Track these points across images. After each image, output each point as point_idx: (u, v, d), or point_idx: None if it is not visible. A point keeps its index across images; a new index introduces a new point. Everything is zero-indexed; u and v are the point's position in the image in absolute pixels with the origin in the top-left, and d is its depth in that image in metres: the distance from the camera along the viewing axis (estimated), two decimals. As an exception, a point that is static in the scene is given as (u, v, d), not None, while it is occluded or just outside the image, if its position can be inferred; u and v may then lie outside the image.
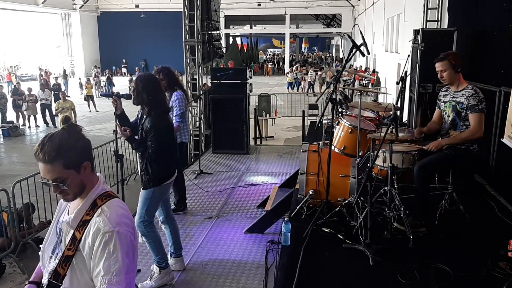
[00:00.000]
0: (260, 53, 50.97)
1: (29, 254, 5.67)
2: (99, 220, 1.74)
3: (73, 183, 1.76)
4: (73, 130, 1.79)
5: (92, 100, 20.10)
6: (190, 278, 4.34)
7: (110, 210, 1.77)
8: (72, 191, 1.78)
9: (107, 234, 1.71)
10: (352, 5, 33.57)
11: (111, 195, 1.85)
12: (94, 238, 1.72)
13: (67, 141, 1.72)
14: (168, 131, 4.01)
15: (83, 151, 1.78)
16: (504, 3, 5.35)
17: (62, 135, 1.74)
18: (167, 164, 4.02)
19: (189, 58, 9.68)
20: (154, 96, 3.87)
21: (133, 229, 1.83)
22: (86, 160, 1.79)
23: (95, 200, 1.80)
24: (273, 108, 14.20)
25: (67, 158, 1.71)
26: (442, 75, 3.89)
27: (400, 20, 16.43)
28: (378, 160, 3.87)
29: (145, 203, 3.98)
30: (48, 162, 1.70)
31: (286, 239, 3.68)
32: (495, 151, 5.08)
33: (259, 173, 7.84)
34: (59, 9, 34.75)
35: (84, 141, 1.80)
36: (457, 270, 3.11)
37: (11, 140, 14.25)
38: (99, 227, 1.72)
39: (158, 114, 3.88)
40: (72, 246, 1.75)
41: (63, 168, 1.71)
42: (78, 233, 1.75)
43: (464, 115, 3.82)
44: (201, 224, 5.59)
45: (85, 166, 1.78)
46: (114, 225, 1.73)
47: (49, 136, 1.73)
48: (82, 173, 1.77)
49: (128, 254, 1.74)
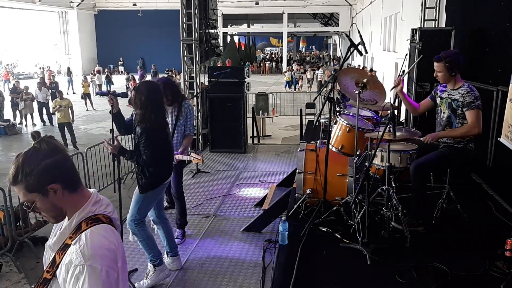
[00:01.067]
0: (258, 51, 50.96)
1: (26, 253, 5.64)
2: (74, 249, 1.56)
3: (43, 206, 1.59)
4: (41, 148, 1.58)
5: (89, 98, 20.06)
6: (188, 277, 4.33)
7: (88, 240, 1.57)
8: (49, 215, 1.63)
9: (78, 268, 1.53)
10: (349, 4, 33.57)
11: (99, 220, 1.64)
12: (67, 269, 1.56)
13: (28, 162, 1.55)
14: (161, 138, 3.93)
15: (46, 173, 1.55)
16: (502, 2, 5.35)
17: (25, 155, 1.57)
18: (164, 167, 4.00)
19: (186, 57, 9.65)
20: (154, 110, 3.78)
21: (114, 262, 1.59)
22: (53, 182, 1.57)
23: (81, 223, 1.62)
24: (271, 107, 14.18)
25: (26, 181, 1.55)
26: (437, 74, 3.93)
27: (398, 19, 16.43)
28: (375, 159, 3.86)
29: (138, 202, 3.97)
30: (12, 185, 1.58)
31: (284, 238, 3.68)
32: (492, 150, 5.08)
33: (256, 172, 7.84)
34: (56, 7, 34.63)
35: (52, 160, 1.57)
36: (455, 269, 3.12)
37: (7, 138, 14.19)
38: (71, 259, 1.55)
39: (156, 128, 3.81)
40: (51, 269, 1.62)
41: (25, 192, 1.56)
42: (58, 257, 1.61)
43: (460, 113, 3.83)
44: (199, 222, 5.58)
45: (53, 188, 1.57)
46: (87, 259, 1.53)
47: (17, 155, 1.60)
48: (52, 196, 1.58)
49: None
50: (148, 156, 3.78)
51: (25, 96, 15.85)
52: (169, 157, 4.12)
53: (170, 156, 4.16)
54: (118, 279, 1.60)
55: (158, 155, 3.82)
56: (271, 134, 13.33)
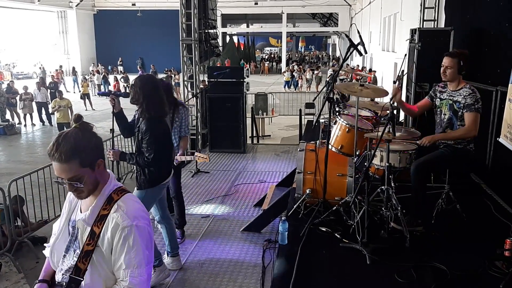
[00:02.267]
0: (257, 51, 50.96)
1: (25, 253, 5.63)
2: (116, 215, 1.76)
3: (89, 180, 1.77)
4: (85, 128, 1.80)
5: (88, 98, 20.05)
6: (187, 277, 4.33)
7: (126, 205, 1.80)
8: (87, 189, 1.79)
9: (126, 229, 1.74)
10: (349, 4, 33.59)
11: (125, 190, 1.88)
12: (113, 233, 1.75)
13: (82, 140, 1.74)
14: (165, 135, 3.94)
15: (97, 149, 1.80)
16: (501, 3, 5.36)
17: (77, 134, 1.75)
18: (164, 166, 3.99)
19: (186, 57, 9.66)
20: (151, 98, 3.79)
21: (149, 221, 1.86)
22: (100, 157, 1.81)
23: (111, 195, 1.83)
24: (270, 107, 14.18)
25: (83, 157, 1.72)
26: (446, 71, 3.85)
27: (397, 19, 16.45)
28: (375, 159, 3.87)
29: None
30: (65, 162, 1.70)
31: (283, 238, 3.68)
32: (491, 151, 5.09)
33: (256, 172, 7.84)
34: (55, 7, 34.62)
35: (97, 139, 1.82)
36: (454, 269, 3.12)
37: (7, 138, 14.18)
38: (117, 222, 1.75)
39: (153, 117, 3.80)
40: (92, 241, 1.77)
41: (79, 167, 1.72)
42: (97, 228, 1.77)
43: (461, 114, 3.82)
44: (198, 223, 5.58)
45: (99, 163, 1.80)
46: (132, 219, 1.76)
47: (63, 135, 1.73)
48: (97, 170, 1.79)
49: (148, 246, 1.79)
50: (152, 153, 3.75)
51: (24, 96, 15.84)
52: (170, 156, 4.11)
53: (171, 155, 4.15)
54: (152, 234, 1.87)
55: (159, 154, 3.80)
56: (270, 134, 13.33)
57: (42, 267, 2.08)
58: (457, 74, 3.83)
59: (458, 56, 3.80)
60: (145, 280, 1.79)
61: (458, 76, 3.85)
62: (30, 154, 12.10)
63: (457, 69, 3.81)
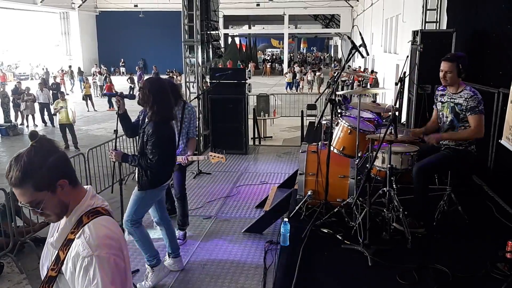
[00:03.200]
0: (259, 53, 50.96)
1: (28, 254, 5.65)
2: (79, 242, 1.57)
3: (50, 204, 1.59)
4: (42, 146, 1.58)
5: (90, 99, 20.08)
6: (189, 278, 4.34)
7: (92, 231, 1.58)
8: (53, 212, 1.62)
9: (86, 259, 1.54)
10: (351, 6, 33.57)
11: (99, 212, 1.66)
12: (74, 262, 1.57)
13: (34, 161, 1.54)
14: (170, 139, 3.96)
15: (55, 169, 1.57)
16: (503, 5, 5.35)
17: (29, 154, 1.55)
18: (166, 169, 4.02)
19: (188, 58, 9.67)
20: (160, 101, 3.80)
21: (120, 250, 1.61)
22: (61, 178, 1.59)
23: (81, 217, 1.63)
24: (272, 108, 14.19)
25: (36, 180, 1.53)
26: (446, 76, 3.84)
27: (399, 21, 16.43)
28: (377, 161, 3.87)
29: (136, 203, 3.98)
30: (17, 186, 1.54)
31: (285, 240, 3.68)
32: (493, 152, 5.09)
33: (257, 173, 7.84)
34: (57, 8, 34.66)
35: (56, 157, 1.59)
36: (456, 271, 3.12)
37: (9, 139, 14.21)
38: (78, 251, 1.56)
39: (161, 120, 3.81)
40: (55, 266, 1.62)
41: (34, 191, 1.54)
42: (62, 253, 1.61)
43: (463, 117, 3.82)
44: (200, 224, 5.59)
45: (61, 184, 1.59)
46: (94, 249, 1.54)
47: (15, 156, 1.56)
48: (60, 192, 1.59)
49: (114, 280, 1.55)
50: (156, 156, 3.76)
51: (26, 97, 15.88)
52: (172, 159, 4.13)
53: (173, 158, 4.17)
54: (125, 266, 1.62)
55: (163, 157, 3.82)
56: (272, 136, 13.32)
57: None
58: (457, 78, 3.84)
59: (456, 60, 3.80)
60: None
61: (458, 79, 3.86)
62: (32, 155, 12.11)
63: (456, 73, 3.80)
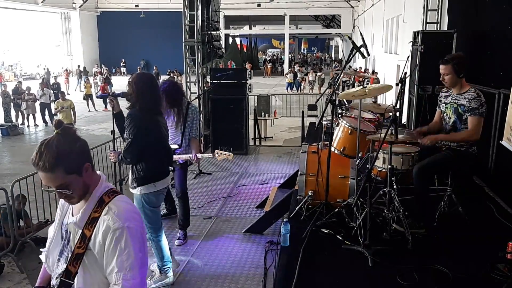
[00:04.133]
0: (260, 53, 50.96)
1: (28, 254, 5.65)
2: (107, 218, 1.73)
3: (77, 186, 1.73)
4: (68, 133, 1.74)
5: (91, 99, 20.09)
6: (189, 278, 4.34)
7: (118, 207, 1.76)
8: (77, 194, 1.76)
9: (118, 231, 1.70)
10: (351, 6, 33.57)
11: (116, 192, 1.84)
12: (105, 236, 1.71)
13: (65, 146, 1.68)
14: (150, 129, 3.73)
15: (82, 154, 1.75)
16: (504, 6, 5.35)
17: (58, 140, 1.69)
18: (150, 163, 3.78)
19: (188, 58, 9.68)
20: (144, 92, 3.67)
21: (142, 223, 1.83)
22: (86, 161, 1.76)
23: (102, 197, 1.79)
24: (272, 108, 14.19)
25: (67, 164, 1.68)
26: (444, 78, 3.87)
27: (400, 22, 16.43)
28: (377, 162, 3.87)
29: (141, 211, 3.82)
30: (49, 171, 1.66)
31: (285, 240, 3.68)
32: (494, 153, 5.09)
33: (258, 173, 7.84)
34: (58, 8, 34.69)
35: (81, 143, 1.76)
36: (456, 271, 3.12)
37: (10, 139, 14.22)
38: (108, 225, 1.71)
39: (142, 108, 3.68)
40: (82, 243, 1.74)
41: (65, 174, 1.68)
42: (88, 231, 1.74)
43: (466, 118, 3.82)
44: (200, 224, 5.59)
45: (86, 167, 1.75)
46: (123, 221, 1.72)
47: (45, 143, 1.68)
48: (84, 175, 1.75)
49: (141, 249, 1.75)
50: (129, 144, 3.62)
51: (27, 96, 15.90)
52: (156, 152, 3.84)
53: (159, 153, 3.88)
54: (144, 235, 1.84)
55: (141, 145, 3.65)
56: (272, 136, 13.33)
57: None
58: (457, 78, 3.84)
59: (451, 61, 3.81)
60: (138, 284, 1.74)
61: (459, 80, 3.85)
62: (33, 155, 12.12)
63: (454, 74, 3.81)
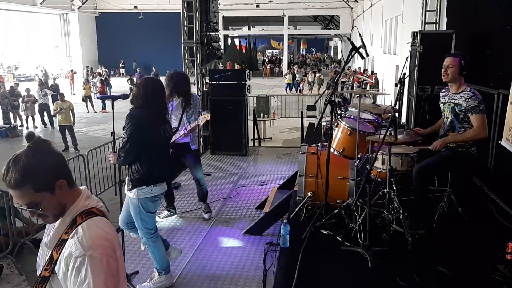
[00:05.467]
0: (259, 54, 51.01)
1: (27, 255, 5.64)
2: (72, 242, 1.57)
3: (49, 205, 1.60)
4: (39, 148, 1.61)
5: (90, 100, 20.08)
6: (188, 280, 4.32)
7: (85, 232, 1.58)
8: (51, 213, 1.63)
9: (79, 259, 1.53)
10: (350, 7, 33.61)
11: (93, 213, 1.66)
12: (67, 263, 1.57)
13: (33, 162, 1.55)
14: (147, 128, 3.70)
15: (53, 170, 1.60)
16: (502, 6, 5.36)
17: (27, 155, 1.56)
18: (148, 167, 3.74)
19: (187, 59, 9.67)
20: (152, 96, 3.74)
21: (113, 251, 1.61)
22: (60, 178, 1.61)
23: (75, 217, 1.63)
24: (272, 109, 14.19)
25: (35, 181, 1.55)
26: (447, 70, 3.86)
27: (399, 22, 16.45)
28: (377, 162, 3.87)
29: (137, 216, 3.86)
30: (16, 188, 1.54)
31: (285, 241, 3.68)
32: (493, 154, 5.09)
33: (257, 174, 7.83)
34: (57, 10, 34.67)
35: (54, 158, 1.62)
36: (456, 272, 3.11)
37: (8, 141, 14.20)
38: (70, 252, 1.56)
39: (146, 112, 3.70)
40: (49, 266, 1.62)
41: (33, 192, 1.56)
42: (55, 253, 1.61)
43: (463, 117, 3.81)
44: (199, 225, 5.58)
45: (60, 185, 1.61)
46: (86, 249, 1.54)
47: (13, 158, 1.57)
48: (58, 192, 1.61)
49: (106, 281, 1.54)
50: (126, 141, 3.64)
51: (26, 98, 15.87)
52: (154, 153, 3.79)
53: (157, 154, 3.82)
54: (118, 267, 1.61)
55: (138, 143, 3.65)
56: (272, 137, 13.33)
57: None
58: (458, 75, 3.84)
59: (460, 56, 3.85)
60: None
61: (459, 78, 3.86)
62: (32, 156, 12.10)
63: (458, 69, 3.82)
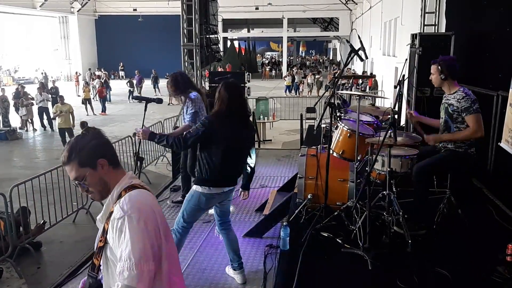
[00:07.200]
0: (258, 56, 51.06)
1: (27, 259, 5.62)
2: (115, 209, 1.79)
3: (92, 180, 1.86)
4: (89, 132, 1.94)
5: (89, 103, 20.04)
6: (188, 283, 4.32)
7: (125, 198, 1.80)
8: (96, 189, 1.89)
9: (120, 220, 1.74)
10: (349, 9, 33.68)
11: (136, 187, 1.88)
12: (112, 226, 1.78)
13: (80, 142, 1.86)
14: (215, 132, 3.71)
15: (96, 150, 1.87)
16: (501, 8, 5.37)
17: (77, 137, 1.90)
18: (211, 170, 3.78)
19: (187, 62, 9.68)
20: (232, 99, 3.78)
21: (152, 214, 1.79)
22: (101, 157, 1.86)
23: (121, 192, 1.87)
24: (271, 111, 14.18)
25: (80, 157, 1.83)
26: (431, 77, 4.04)
27: (398, 24, 16.46)
28: (376, 164, 3.87)
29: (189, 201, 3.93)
30: (66, 163, 1.86)
31: (285, 244, 3.68)
32: (493, 155, 5.09)
33: (257, 176, 7.83)
34: (56, 13, 34.71)
35: (98, 141, 1.90)
36: (456, 274, 3.11)
37: (8, 144, 14.17)
38: (114, 216, 1.78)
39: (224, 115, 3.76)
40: (102, 237, 1.83)
41: (78, 167, 1.84)
42: (106, 224, 1.82)
43: (456, 117, 3.84)
44: (199, 228, 5.57)
45: (102, 163, 1.86)
46: (125, 211, 1.75)
47: (69, 140, 1.87)
48: (100, 170, 1.86)
49: (142, 239, 1.71)
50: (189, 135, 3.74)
51: (26, 101, 15.86)
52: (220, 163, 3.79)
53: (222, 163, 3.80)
54: (156, 230, 1.78)
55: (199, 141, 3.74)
56: (271, 139, 13.32)
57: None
58: (440, 80, 3.94)
59: (438, 62, 3.95)
60: (138, 276, 1.68)
61: (442, 81, 3.95)
62: (31, 160, 12.10)
63: (438, 75, 3.94)
